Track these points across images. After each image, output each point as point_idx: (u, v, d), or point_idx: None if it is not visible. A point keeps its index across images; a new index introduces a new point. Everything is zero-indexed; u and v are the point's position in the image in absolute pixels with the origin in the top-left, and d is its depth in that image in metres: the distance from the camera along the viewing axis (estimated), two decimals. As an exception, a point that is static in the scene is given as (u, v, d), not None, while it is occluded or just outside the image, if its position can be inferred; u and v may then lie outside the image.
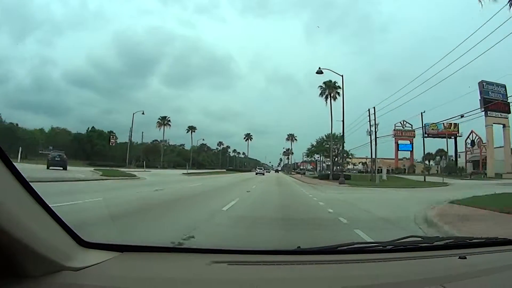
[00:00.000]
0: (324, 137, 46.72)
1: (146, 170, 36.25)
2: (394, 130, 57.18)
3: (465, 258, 1.44)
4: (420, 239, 1.77)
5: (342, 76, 26.97)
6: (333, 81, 38.57)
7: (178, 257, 1.41)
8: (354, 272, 1.32)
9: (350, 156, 44.31)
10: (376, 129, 34.29)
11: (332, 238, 4.89)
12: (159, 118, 72.10)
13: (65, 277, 1.02)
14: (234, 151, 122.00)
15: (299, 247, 1.55)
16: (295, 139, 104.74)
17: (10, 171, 0.89)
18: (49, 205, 1.05)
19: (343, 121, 27.74)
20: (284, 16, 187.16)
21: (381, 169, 34.70)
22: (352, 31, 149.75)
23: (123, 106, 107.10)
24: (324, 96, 39.45)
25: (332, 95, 38.47)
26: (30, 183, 0.96)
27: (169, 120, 72.59)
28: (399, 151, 65.59)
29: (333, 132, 44.97)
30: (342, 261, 1.45)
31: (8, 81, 66.95)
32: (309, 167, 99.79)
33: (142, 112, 53.14)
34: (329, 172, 39.81)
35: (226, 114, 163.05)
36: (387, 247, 1.60)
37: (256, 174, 56.20)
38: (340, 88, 38.48)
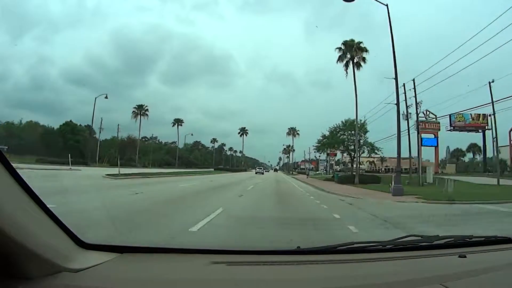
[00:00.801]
0: (340, 125, 32.98)
1: (73, 169, 28.22)
2: (416, 121, 43.84)
3: (465, 257, 1.48)
4: (419, 238, 1.77)
5: (387, 5, 14.64)
6: (356, 41, 25.31)
7: (178, 258, 1.44)
8: (354, 272, 1.36)
9: (377, 151, 31.57)
10: (418, 110, 22.17)
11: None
12: (134, 107, 59.14)
13: (64, 279, 1.05)
14: (231, 149, 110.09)
15: (299, 247, 1.59)
16: (297, 134, 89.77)
17: (9, 173, 0.92)
18: (48, 207, 1.07)
19: (396, 78, 15.23)
20: (283, 13, 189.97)
21: (426, 169, 22.29)
22: (352, 28, 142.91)
23: (122, 105, 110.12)
24: (343, 62, 26.30)
25: (355, 60, 25.29)
26: (29, 184, 0.97)
27: (147, 110, 60.03)
28: (422, 147, 51.89)
29: (350, 119, 32.13)
30: (342, 261, 1.49)
31: (5, 80, 65.58)
32: (309, 166, 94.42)
33: (105, 96, 46.83)
34: (351, 173, 26.92)
35: (225, 113, 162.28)
36: (387, 246, 1.63)
37: (256, 173, 60.15)
38: (366, 51, 25.53)
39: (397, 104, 15.77)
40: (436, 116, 52.38)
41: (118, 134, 61.25)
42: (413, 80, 25.06)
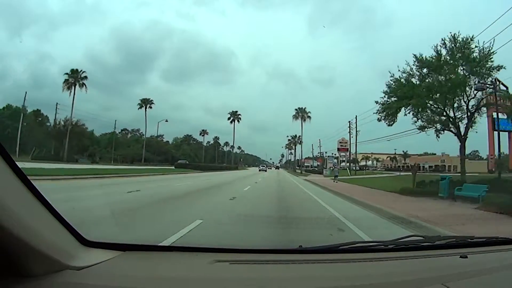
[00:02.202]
0: (433, 55, 12.95)
1: None
2: (485, 94, 23.81)
3: (466, 257, 1.54)
4: (421, 238, 1.86)
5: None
6: None
7: (180, 256, 1.50)
8: (356, 271, 1.43)
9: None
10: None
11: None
12: (66, 73, 41.13)
13: (67, 276, 1.09)
14: (226, 144, 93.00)
15: (301, 246, 1.66)
16: (308, 117, 69.06)
17: (11, 169, 0.96)
18: (51, 204, 1.12)
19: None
20: (285, 8, 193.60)
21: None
22: (355, 25, 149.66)
23: (123, 102, 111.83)
24: None
25: None
26: (32, 183, 1.05)
27: (85, 77, 41.44)
28: (495, 132, 32.38)
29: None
30: (343, 260, 1.56)
31: (6, 78, 65.21)
32: (315, 163, 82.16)
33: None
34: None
35: (227, 110, 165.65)
36: (389, 246, 1.69)
37: (260, 170, 62.63)
38: None
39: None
40: (507, 87, 32.85)
41: (55, 117, 43.84)
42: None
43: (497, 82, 34.68)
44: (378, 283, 1.24)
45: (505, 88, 34.22)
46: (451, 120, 16.94)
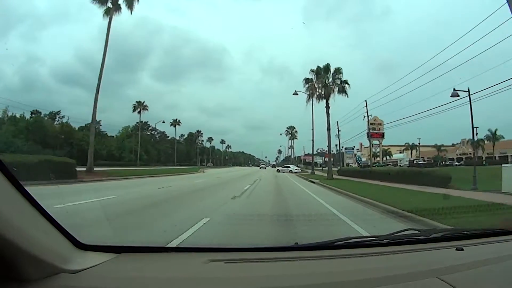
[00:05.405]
0: None
1: None
2: None
3: (462, 249, 1.54)
4: (417, 231, 1.88)
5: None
6: None
7: (175, 256, 1.51)
8: (352, 267, 1.44)
9: None
10: None
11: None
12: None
13: (62, 280, 1.09)
14: (210, 139, 65.51)
15: (297, 243, 1.67)
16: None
17: (4, 175, 0.97)
18: (44, 208, 1.13)
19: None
20: (280, 1, 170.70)
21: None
22: (352, 17, 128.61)
23: (115, 103, 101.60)
24: None
25: None
26: (24, 187, 1.06)
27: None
28: None
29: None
30: (339, 256, 1.55)
31: None
32: (319, 160, 66.34)
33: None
34: None
35: (222, 110, 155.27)
36: (384, 240, 1.71)
37: (260, 168, 61.91)
38: None
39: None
40: None
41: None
42: None
43: None
44: (373, 278, 1.24)
45: None
46: None
